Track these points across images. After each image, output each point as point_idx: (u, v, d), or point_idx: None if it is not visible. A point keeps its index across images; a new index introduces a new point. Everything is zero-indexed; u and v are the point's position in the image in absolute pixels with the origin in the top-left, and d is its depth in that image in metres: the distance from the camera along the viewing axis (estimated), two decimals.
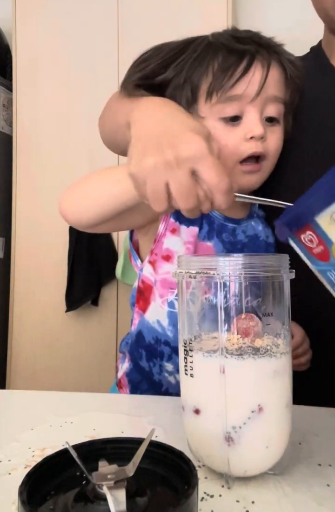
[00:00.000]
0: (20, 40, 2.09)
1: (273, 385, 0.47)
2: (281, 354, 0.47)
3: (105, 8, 2.02)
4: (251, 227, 0.79)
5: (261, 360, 0.46)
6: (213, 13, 1.90)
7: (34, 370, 2.07)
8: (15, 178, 2.10)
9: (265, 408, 0.46)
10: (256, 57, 0.68)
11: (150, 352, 0.78)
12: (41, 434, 0.58)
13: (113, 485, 0.35)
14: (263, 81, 0.67)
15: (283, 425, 0.48)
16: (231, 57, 0.67)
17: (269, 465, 0.48)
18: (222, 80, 0.67)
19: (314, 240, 0.45)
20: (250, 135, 0.68)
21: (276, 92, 0.70)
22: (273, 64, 0.69)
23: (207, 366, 0.47)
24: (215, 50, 0.69)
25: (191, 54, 0.70)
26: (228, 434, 0.46)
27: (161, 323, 0.76)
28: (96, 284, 2.03)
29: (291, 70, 0.71)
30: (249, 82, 0.67)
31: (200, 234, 0.75)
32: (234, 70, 0.67)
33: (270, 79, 0.68)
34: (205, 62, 0.69)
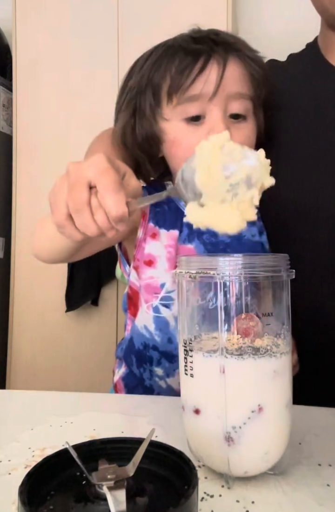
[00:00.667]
0: (20, 40, 2.08)
1: (273, 385, 0.47)
2: (281, 354, 0.47)
3: (105, 8, 2.02)
4: None
5: (261, 360, 0.46)
6: (213, 13, 1.90)
7: (34, 370, 2.07)
8: (15, 178, 2.10)
9: (265, 408, 0.46)
10: (211, 56, 0.68)
11: (140, 358, 0.78)
12: (41, 434, 0.58)
13: (113, 485, 0.35)
14: (219, 79, 0.67)
15: (283, 425, 0.48)
16: (187, 58, 0.68)
17: (269, 465, 0.48)
18: (179, 81, 0.68)
19: None
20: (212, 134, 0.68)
21: (238, 88, 0.70)
22: (231, 61, 0.69)
23: (207, 366, 0.47)
24: (173, 53, 0.70)
25: (152, 59, 0.72)
26: (228, 434, 0.46)
27: (148, 328, 0.76)
28: (96, 284, 2.03)
29: (252, 66, 0.70)
30: (205, 81, 0.68)
31: (180, 237, 0.75)
32: (190, 70, 0.68)
33: (229, 77, 0.68)
34: (163, 65, 0.70)
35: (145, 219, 0.76)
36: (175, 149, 0.72)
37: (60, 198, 0.52)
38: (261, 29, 2.17)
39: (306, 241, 0.78)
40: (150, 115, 0.73)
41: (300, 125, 0.81)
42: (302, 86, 0.83)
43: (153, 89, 0.71)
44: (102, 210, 0.49)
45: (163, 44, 0.73)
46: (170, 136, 0.72)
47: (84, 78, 2.05)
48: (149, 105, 0.72)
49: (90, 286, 2.02)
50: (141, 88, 0.73)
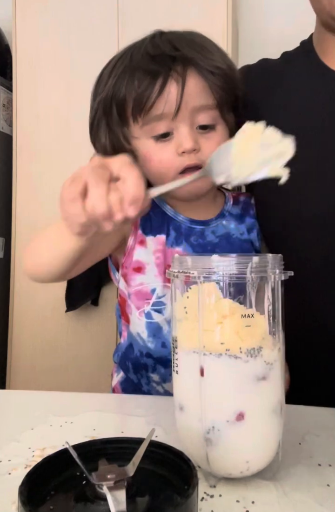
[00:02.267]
0: (20, 40, 2.08)
1: (257, 392, 0.46)
2: (269, 357, 0.46)
3: (105, 8, 2.02)
4: (221, 226, 0.79)
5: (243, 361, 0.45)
6: (213, 13, 1.90)
7: (34, 370, 2.07)
8: (15, 178, 2.09)
9: (246, 415, 0.45)
10: (170, 75, 0.68)
11: (136, 365, 0.78)
12: (41, 434, 0.58)
13: (113, 485, 0.35)
14: (179, 97, 0.68)
15: (268, 431, 0.47)
16: (146, 79, 0.68)
17: (249, 473, 0.47)
18: (140, 104, 0.68)
19: None
20: (181, 150, 0.69)
21: (201, 101, 0.70)
22: (190, 76, 0.69)
23: (188, 364, 0.47)
24: (132, 71, 0.70)
25: (113, 77, 0.72)
26: (207, 435, 0.46)
27: (141, 335, 0.76)
28: (96, 284, 2.03)
29: (212, 77, 0.70)
30: (165, 101, 0.68)
31: (167, 241, 0.75)
32: (150, 91, 0.68)
33: (190, 92, 0.68)
34: (123, 86, 0.70)
35: (136, 227, 0.76)
36: (148, 164, 0.72)
37: (79, 175, 0.52)
38: (261, 29, 2.17)
39: (309, 248, 0.77)
40: (119, 132, 0.73)
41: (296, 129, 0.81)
42: (297, 89, 0.83)
43: (118, 108, 0.72)
44: (118, 192, 0.50)
45: (123, 60, 0.72)
46: (141, 152, 0.73)
47: (84, 78, 2.04)
48: (117, 123, 0.73)
49: (90, 286, 2.02)
50: (107, 108, 0.73)
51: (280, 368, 0.47)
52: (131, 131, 0.73)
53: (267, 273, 0.46)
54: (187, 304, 0.48)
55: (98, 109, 0.75)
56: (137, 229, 0.76)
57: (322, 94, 0.80)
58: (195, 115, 0.70)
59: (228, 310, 0.46)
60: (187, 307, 0.48)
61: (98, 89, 0.76)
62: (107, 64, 0.76)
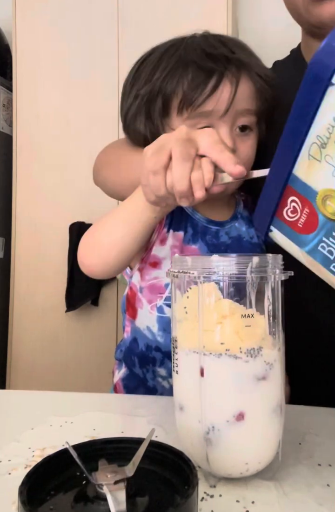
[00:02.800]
0: (20, 40, 2.08)
1: (257, 392, 0.46)
2: (269, 357, 0.46)
3: (105, 8, 2.02)
4: (234, 228, 0.80)
5: (243, 361, 0.45)
6: (213, 13, 1.90)
7: (34, 370, 2.07)
8: (15, 178, 2.09)
9: (247, 416, 0.45)
10: (224, 74, 0.69)
11: (143, 359, 0.78)
12: (41, 434, 0.58)
13: (113, 485, 0.35)
14: (231, 98, 0.69)
15: (268, 432, 0.47)
16: (201, 75, 0.69)
17: (253, 470, 0.47)
18: (192, 97, 0.69)
19: (297, 208, 0.42)
20: None
21: (246, 105, 0.71)
22: (242, 80, 0.70)
23: (188, 364, 0.47)
24: (185, 66, 0.70)
25: (163, 68, 0.72)
26: (207, 435, 0.46)
27: (151, 329, 0.76)
28: (96, 284, 2.03)
29: (260, 84, 0.72)
30: (217, 100, 0.69)
31: (184, 237, 0.76)
32: (203, 88, 0.68)
33: (239, 95, 0.70)
34: (176, 77, 0.70)
35: (161, 224, 0.77)
36: None
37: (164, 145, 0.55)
38: (261, 29, 2.17)
39: None
40: (159, 122, 0.74)
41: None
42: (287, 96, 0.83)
43: (164, 99, 0.72)
44: (201, 172, 0.52)
45: (172, 53, 0.72)
46: None
47: (84, 78, 2.04)
48: (159, 113, 0.73)
49: (90, 286, 2.02)
50: (151, 97, 0.73)
51: (280, 368, 0.47)
52: (170, 123, 0.73)
53: (267, 273, 0.46)
54: (187, 304, 0.48)
55: (139, 99, 0.75)
56: (162, 227, 0.77)
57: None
58: (237, 117, 0.71)
59: (228, 310, 0.45)
60: (187, 307, 0.48)
61: (138, 80, 0.75)
62: (147, 56, 0.76)
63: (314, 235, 0.41)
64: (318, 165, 0.39)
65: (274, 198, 0.43)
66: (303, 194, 0.41)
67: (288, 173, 0.41)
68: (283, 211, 0.43)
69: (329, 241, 0.40)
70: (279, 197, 0.42)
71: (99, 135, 1.86)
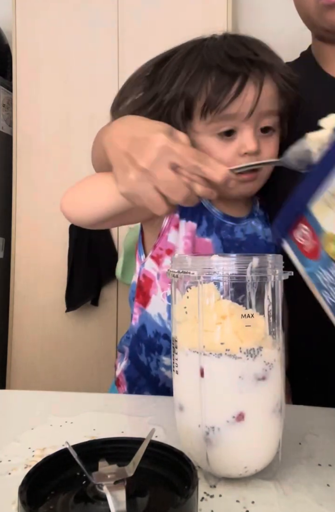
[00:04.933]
0: (20, 40, 2.08)
1: (257, 392, 0.46)
2: (268, 357, 0.46)
3: (105, 8, 2.02)
4: (250, 226, 0.80)
5: (243, 361, 0.45)
6: (213, 13, 1.90)
7: (34, 370, 2.07)
8: (15, 178, 2.09)
9: (247, 416, 0.45)
10: (248, 77, 0.69)
11: (149, 346, 0.79)
12: (41, 434, 0.58)
13: (113, 485, 0.35)
14: (255, 100, 0.69)
15: (268, 432, 0.47)
16: (224, 78, 0.69)
17: (252, 470, 0.47)
18: (216, 101, 0.69)
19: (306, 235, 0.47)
20: (244, 151, 0.70)
21: (269, 107, 0.71)
22: (266, 81, 0.70)
23: (188, 364, 0.47)
24: (209, 69, 0.70)
25: (187, 70, 0.71)
26: (207, 436, 0.46)
27: (162, 316, 0.77)
28: (96, 284, 2.03)
29: (283, 84, 0.72)
30: (242, 102, 0.69)
31: (198, 230, 0.76)
32: (227, 91, 0.68)
33: (263, 96, 0.70)
34: (199, 81, 0.70)
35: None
36: None
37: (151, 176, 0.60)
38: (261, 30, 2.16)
39: None
40: (180, 125, 0.73)
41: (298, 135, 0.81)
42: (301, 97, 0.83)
43: (187, 102, 0.72)
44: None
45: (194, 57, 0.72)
46: (200, 148, 0.73)
47: (84, 78, 2.04)
48: (181, 117, 0.73)
49: (90, 286, 2.02)
50: (174, 100, 0.72)
51: (280, 368, 0.47)
52: (193, 126, 0.73)
53: (267, 273, 0.46)
54: (186, 305, 0.48)
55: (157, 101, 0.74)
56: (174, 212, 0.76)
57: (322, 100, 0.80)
58: (261, 118, 0.71)
59: (228, 311, 0.45)
60: (186, 307, 0.48)
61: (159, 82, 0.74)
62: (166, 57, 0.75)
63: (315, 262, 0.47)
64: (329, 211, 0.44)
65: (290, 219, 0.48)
66: (314, 228, 0.46)
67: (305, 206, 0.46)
68: (295, 233, 0.48)
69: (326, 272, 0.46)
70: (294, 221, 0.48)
71: None
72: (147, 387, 0.80)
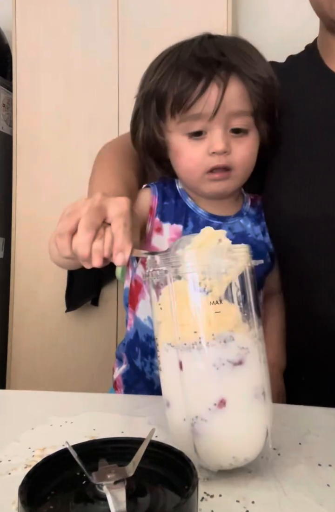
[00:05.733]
0: (20, 40, 2.08)
1: (235, 376, 0.47)
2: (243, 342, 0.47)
3: (105, 8, 2.02)
4: (238, 224, 0.81)
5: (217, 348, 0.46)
6: (213, 13, 1.90)
7: (34, 370, 2.07)
8: (15, 178, 2.09)
9: (228, 400, 0.46)
10: (212, 78, 0.71)
11: (143, 350, 0.80)
12: (41, 434, 0.58)
13: (113, 485, 0.35)
14: (218, 100, 0.71)
15: (252, 417, 0.48)
16: (189, 79, 0.71)
17: (241, 459, 0.47)
18: (181, 100, 0.71)
19: None
20: (212, 150, 0.73)
21: (238, 107, 0.73)
22: (232, 82, 0.72)
23: (168, 360, 0.49)
24: (177, 70, 0.72)
25: (159, 72, 0.75)
26: (192, 427, 0.46)
27: (151, 319, 0.77)
28: (96, 284, 2.02)
29: (252, 85, 0.73)
30: (205, 103, 0.71)
31: (185, 231, 0.78)
32: (191, 91, 0.71)
33: (229, 97, 0.71)
34: (167, 82, 0.73)
35: (152, 214, 0.79)
36: (178, 159, 0.77)
37: (76, 211, 0.57)
38: (261, 30, 2.17)
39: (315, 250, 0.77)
40: (154, 125, 0.76)
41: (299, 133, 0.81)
42: (302, 93, 0.83)
43: (158, 103, 0.75)
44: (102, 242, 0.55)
45: (170, 57, 0.75)
46: (173, 147, 0.76)
47: (84, 78, 2.04)
48: (154, 117, 0.76)
49: (90, 286, 2.02)
50: (147, 100, 0.76)
51: (257, 353, 0.48)
52: (167, 125, 0.76)
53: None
54: (161, 302, 0.50)
55: (140, 102, 0.79)
56: (154, 216, 0.79)
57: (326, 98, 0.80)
58: (230, 118, 0.73)
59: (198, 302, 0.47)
60: (161, 305, 0.50)
61: (144, 83, 0.79)
62: (155, 59, 0.79)
63: None
64: None
65: None
66: None
67: None
68: None
69: None
70: None
71: (99, 135, 1.86)
72: (144, 391, 0.80)
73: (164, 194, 0.80)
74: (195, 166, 0.74)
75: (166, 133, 0.76)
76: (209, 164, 0.73)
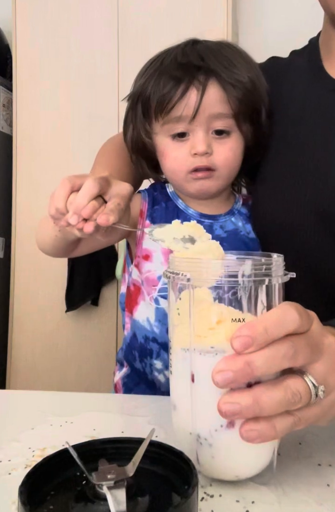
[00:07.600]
0: (20, 40, 2.08)
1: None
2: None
3: (105, 8, 2.02)
4: (230, 222, 0.83)
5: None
6: (213, 13, 1.90)
7: (34, 370, 2.07)
8: (15, 178, 2.10)
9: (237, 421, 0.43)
10: (192, 82, 0.74)
11: (142, 352, 0.80)
12: (41, 434, 0.58)
13: (113, 485, 0.35)
14: (197, 104, 0.74)
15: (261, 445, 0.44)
16: (170, 83, 0.74)
17: (244, 476, 0.46)
18: (162, 103, 0.75)
19: None
20: (194, 151, 0.76)
21: (218, 109, 0.75)
22: (210, 86, 0.74)
23: (179, 365, 0.47)
24: (160, 74, 0.76)
25: (145, 76, 0.78)
26: (197, 442, 0.45)
27: (150, 320, 0.79)
28: (96, 284, 2.03)
29: (230, 89, 0.75)
30: (185, 106, 0.74)
31: None
32: (172, 95, 0.74)
33: (209, 100, 0.74)
34: (150, 86, 0.77)
35: (142, 217, 0.81)
36: (164, 160, 0.80)
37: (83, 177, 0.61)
38: (261, 30, 2.17)
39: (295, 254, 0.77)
40: (141, 128, 0.80)
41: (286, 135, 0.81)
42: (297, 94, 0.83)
43: (143, 106, 0.78)
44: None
45: (155, 63, 0.78)
46: (159, 148, 0.80)
47: (84, 78, 2.05)
48: (140, 119, 0.79)
49: (90, 286, 2.02)
50: (134, 103, 0.80)
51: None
52: (152, 128, 0.79)
53: (260, 276, 0.44)
54: (179, 307, 0.47)
55: (129, 105, 0.82)
56: (144, 219, 0.81)
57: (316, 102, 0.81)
58: (212, 121, 0.75)
59: (219, 315, 0.44)
60: (179, 309, 0.47)
61: (133, 87, 0.82)
62: (144, 64, 0.82)
63: None
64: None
65: None
66: None
67: None
68: None
69: None
70: None
71: (99, 134, 1.86)
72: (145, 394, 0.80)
73: (155, 199, 0.83)
74: (178, 166, 0.77)
75: (153, 135, 0.79)
76: (191, 165, 0.76)
